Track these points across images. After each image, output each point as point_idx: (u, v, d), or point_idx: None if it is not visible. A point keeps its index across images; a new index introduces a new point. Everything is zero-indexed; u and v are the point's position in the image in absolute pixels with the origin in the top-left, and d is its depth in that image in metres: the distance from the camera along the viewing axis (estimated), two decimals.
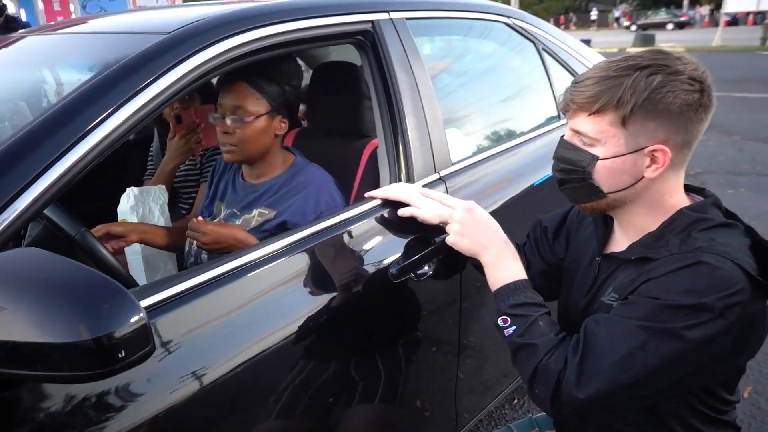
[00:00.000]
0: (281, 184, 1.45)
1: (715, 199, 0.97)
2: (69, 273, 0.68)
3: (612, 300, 0.96)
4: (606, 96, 0.90)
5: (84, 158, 0.92)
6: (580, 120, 0.94)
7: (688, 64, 0.90)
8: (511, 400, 2.27)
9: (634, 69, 0.89)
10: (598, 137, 0.93)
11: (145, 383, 0.90)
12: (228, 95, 1.40)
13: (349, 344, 1.27)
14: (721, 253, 0.85)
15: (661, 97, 0.88)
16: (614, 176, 0.94)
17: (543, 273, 1.25)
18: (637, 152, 0.91)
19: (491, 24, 1.91)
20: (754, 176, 5.09)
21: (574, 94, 0.94)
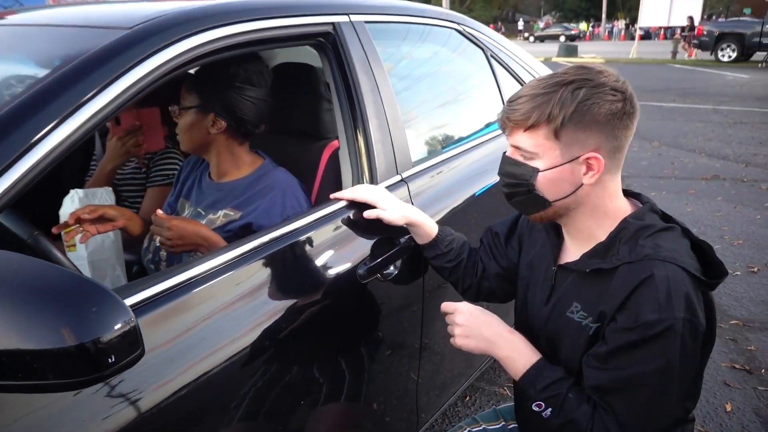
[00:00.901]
0: (247, 185, 1.43)
1: (651, 205, 1.04)
2: (50, 276, 0.64)
3: (582, 318, 1.01)
4: (537, 112, 0.96)
5: (41, 163, 0.87)
6: (517, 136, 1.01)
7: (609, 77, 0.97)
8: (464, 398, 2.32)
9: (561, 85, 0.96)
10: (535, 151, 0.99)
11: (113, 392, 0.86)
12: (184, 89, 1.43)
13: (317, 347, 1.26)
14: (668, 259, 0.93)
15: (587, 108, 0.95)
16: (556, 185, 1.00)
17: (498, 275, 1.31)
18: (572, 161, 0.98)
19: (444, 30, 1.96)
20: (673, 180, 5.44)
21: (509, 112, 1.00)
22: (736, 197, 4.86)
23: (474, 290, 1.36)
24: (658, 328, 0.90)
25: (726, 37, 17.88)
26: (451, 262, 1.35)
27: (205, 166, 1.54)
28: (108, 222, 1.38)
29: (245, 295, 1.10)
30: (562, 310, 1.06)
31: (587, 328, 1.00)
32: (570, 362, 1.04)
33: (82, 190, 1.62)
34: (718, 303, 3.05)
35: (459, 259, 1.34)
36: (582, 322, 1.01)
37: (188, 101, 1.41)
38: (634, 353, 0.93)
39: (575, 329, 1.02)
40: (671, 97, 10.89)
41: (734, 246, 3.83)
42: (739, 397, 2.29)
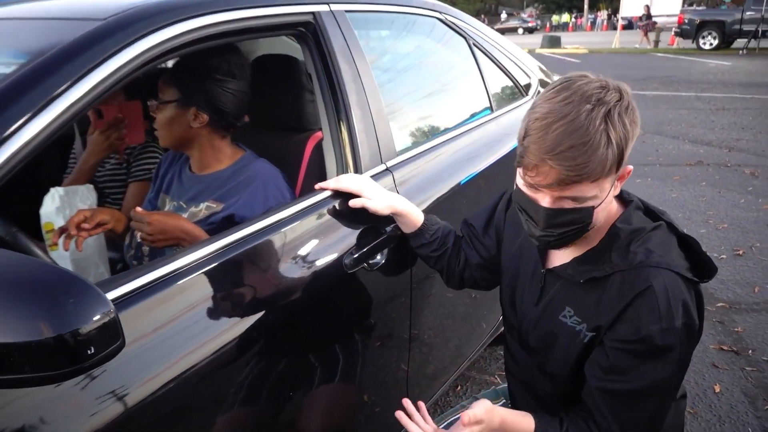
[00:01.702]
0: (228, 177, 1.42)
1: (636, 203, 1.01)
2: (27, 268, 0.63)
3: (575, 323, 1.01)
4: (599, 166, 0.86)
5: (14, 157, 0.85)
6: (573, 188, 0.89)
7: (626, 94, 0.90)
8: (455, 388, 2.33)
9: (599, 133, 0.85)
10: (596, 194, 0.90)
11: (98, 387, 0.84)
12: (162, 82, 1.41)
13: (304, 338, 1.25)
14: (661, 265, 0.93)
15: (629, 141, 0.89)
16: (604, 209, 0.95)
17: (479, 266, 1.32)
18: (613, 185, 0.94)
19: (426, 19, 1.95)
20: (657, 166, 5.48)
21: (559, 164, 0.86)
22: (720, 182, 4.91)
23: (457, 279, 1.37)
24: (660, 340, 0.91)
25: (707, 24, 18.03)
26: (436, 252, 1.35)
27: (185, 159, 1.53)
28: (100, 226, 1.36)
29: (230, 288, 1.09)
30: (554, 313, 1.05)
31: (582, 335, 1.00)
32: (563, 364, 1.05)
33: (62, 188, 1.60)
34: (705, 286, 3.08)
35: (444, 248, 1.35)
36: (576, 327, 1.01)
37: (168, 95, 1.39)
38: (638, 366, 0.94)
39: (568, 334, 1.02)
40: (654, 86, 10.97)
41: (719, 230, 3.87)
42: (727, 378, 2.32)
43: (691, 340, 0.94)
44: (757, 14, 16.50)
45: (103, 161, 1.93)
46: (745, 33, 16.98)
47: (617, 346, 0.95)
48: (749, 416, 2.10)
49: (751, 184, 4.81)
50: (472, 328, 1.99)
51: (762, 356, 2.46)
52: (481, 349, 2.09)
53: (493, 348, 2.53)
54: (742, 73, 12.51)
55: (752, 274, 3.22)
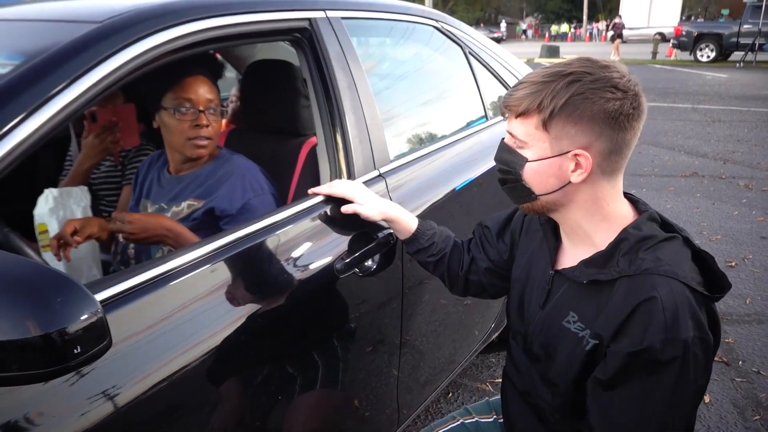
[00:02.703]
0: (207, 174, 1.45)
1: (651, 213, 0.99)
2: (14, 267, 0.63)
3: (579, 329, 0.98)
4: (529, 99, 0.93)
5: (8, 156, 0.86)
6: (512, 122, 0.98)
7: (613, 73, 0.91)
8: (446, 394, 2.33)
9: (559, 75, 0.92)
10: (526, 140, 0.96)
11: (87, 387, 0.85)
12: (198, 88, 1.42)
13: (295, 342, 1.25)
14: (669, 274, 0.89)
15: (579, 102, 0.90)
16: (542, 179, 0.97)
17: (488, 270, 1.27)
18: (561, 156, 0.94)
19: (422, 27, 1.97)
20: (653, 177, 5.51)
21: (507, 98, 0.98)
22: (715, 194, 4.93)
23: (461, 284, 1.32)
24: (666, 353, 0.86)
25: (705, 37, 18.16)
26: (434, 257, 1.31)
27: (162, 162, 1.55)
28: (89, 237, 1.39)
29: (221, 291, 1.09)
30: (558, 318, 1.02)
31: (584, 342, 0.97)
32: (566, 374, 1.01)
33: (56, 190, 1.60)
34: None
35: (442, 253, 1.31)
36: (579, 333, 0.98)
37: (217, 101, 1.44)
38: (641, 378, 0.89)
39: (571, 340, 0.99)
40: (651, 97, 11.02)
41: (712, 241, 3.89)
42: (717, 388, 2.33)
43: (706, 354, 0.88)
44: (755, 27, 16.63)
45: (98, 164, 1.94)
46: (743, 46, 17.10)
47: (621, 357, 0.90)
48: (738, 427, 2.11)
49: (745, 197, 4.84)
50: (464, 335, 2.00)
51: (752, 367, 2.47)
52: (472, 356, 2.09)
53: (485, 355, 2.54)
54: (739, 85, 12.59)
55: (744, 285, 3.23)
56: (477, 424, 1.33)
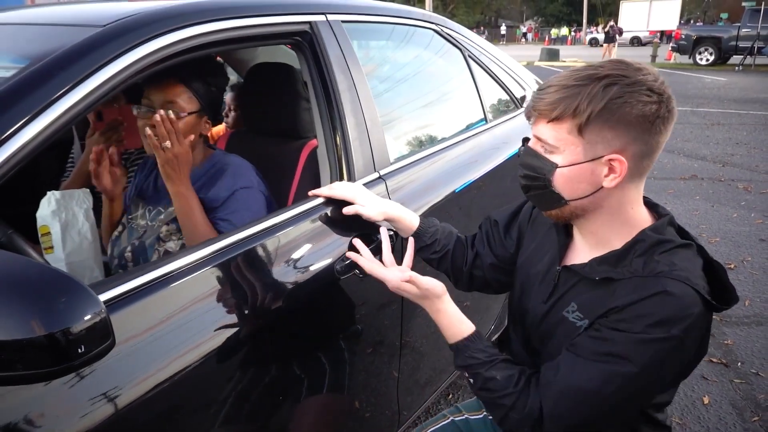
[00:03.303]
0: (201, 174, 1.47)
1: (671, 218, 0.99)
2: (19, 268, 0.64)
3: (577, 319, 0.99)
4: (564, 104, 0.91)
5: (11, 159, 0.87)
6: (541, 127, 0.96)
7: (647, 75, 0.91)
8: (447, 396, 2.33)
9: (594, 78, 0.90)
10: (557, 145, 0.94)
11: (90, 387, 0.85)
12: (159, 91, 1.40)
13: (296, 343, 1.26)
14: (682, 279, 0.89)
15: (617, 107, 0.88)
16: (573, 184, 0.95)
17: (492, 265, 1.28)
18: (594, 161, 0.92)
19: (422, 30, 1.98)
20: (652, 180, 5.52)
21: (536, 101, 0.95)
22: (714, 196, 4.95)
23: (466, 279, 1.32)
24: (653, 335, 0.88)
25: (704, 41, 18.21)
26: (437, 254, 1.32)
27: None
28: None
29: (223, 292, 1.10)
30: (559, 309, 1.03)
31: (580, 330, 0.98)
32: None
33: (59, 192, 1.60)
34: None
35: (445, 249, 1.31)
36: (576, 323, 0.99)
37: (190, 105, 1.42)
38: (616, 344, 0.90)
39: (568, 329, 1.00)
40: None
41: (711, 244, 3.90)
42: (716, 390, 2.33)
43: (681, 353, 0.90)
44: (753, 31, 16.68)
45: None
46: (741, 49, 17.16)
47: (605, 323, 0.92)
48: (737, 428, 2.11)
49: (744, 199, 4.85)
50: None
51: (751, 369, 2.48)
52: None
53: None
54: (738, 89, 12.62)
55: (743, 287, 3.24)
56: (467, 421, 1.34)
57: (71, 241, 1.52)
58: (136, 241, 1.49)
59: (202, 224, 1.36)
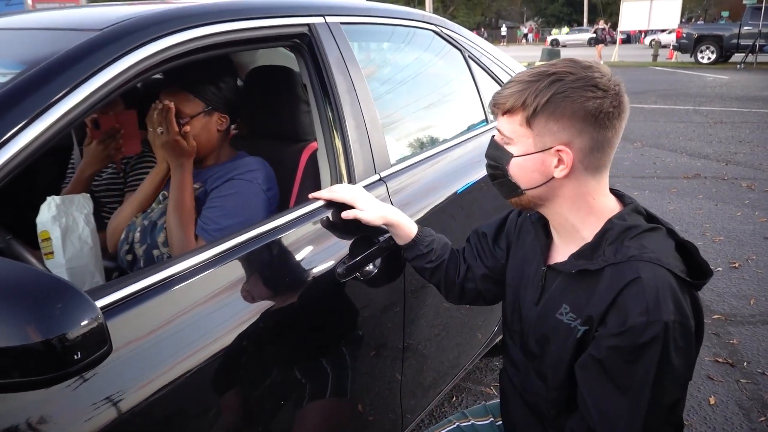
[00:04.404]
0: (221, 169, 1.50)
1: (635, 206, 1.03)
2: (15, 273, 0.63)
3: (571, 320, 1.00)
4: (514, 97, 0.98)
5: (9, 163, 0.86)
6: (499, 120, 1.03)
7: (595, 73, 0.95)
8: (450, 399, 2.32)
9: (543, 75, 0.97)
10: (511, 136, 1.01)
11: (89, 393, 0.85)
12: (165, 97, 1.43)
13: (298, 346, 1.25)
14: (653, 260, 0.92)
15: (560, 100, 0.94)
16: (527, 174, 1.01)
17: (484, 276, 1.29)
18: (544, 152, 0.98)
19: (421, 32, 1.97)
20: (655, 179, 5.50)
21: (496, 97, 1.03)
22: (717, 195, 4.93)
23: (457, 292, 1.34)
24: (646, 335, 0.89)
25: (705, 39, 18.18)
26: (432, 263, 1.33)
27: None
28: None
29: (223, 295, 1.09)
30: (552, 311, 1.05)
31: (575, 331, 0.99)
32: (558, 364, 1.03)
33: (59, 197, 1.60)
34: (701, 298, 3.08)
35: (440, 260, 1.33)
36: (571, 324, 1.00)
37: (192, 109, 1.45)
38: (625, 359, 0.92)
39: (564, 331, 1.01)
40: (653, 99, 11.02)
41: (715, 243, 3.88)
42: (723, 390, 2.32)
43: (687, 339, 0.91)
44: (755, 29, 16.64)
45: (101, 171, 1.94)
46: (743, 47, 17.12)
47: (606, 339, 0.93)
48: (744, 428, 2.10)
49: (747, 197, 4.83)
50: (467, 339, 1.99)
51: (757, 368, 2.46)
52: (476, 360, 2.09)
53: (488, 359, 2.53)
54: (740, 87, 12.59)
55: (748, 286, 3.22)
56: (473, 426, 1.33)
57: (72, 246, 1.51)
58: (146, 221, 1.52)
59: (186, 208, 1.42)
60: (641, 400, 0.92)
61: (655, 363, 0.89)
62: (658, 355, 0.89)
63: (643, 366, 0.90)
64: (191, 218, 1.42)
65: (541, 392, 1.10)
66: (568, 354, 1.00)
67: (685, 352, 0.92)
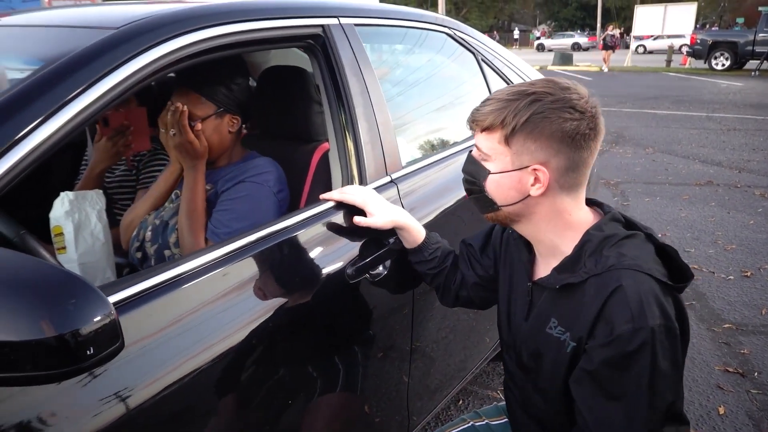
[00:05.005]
0: (232, 170, 1.50)
1: (613, 214, 1.05)
2: (29, 269, 0.64)
3: (560, 333, 1.01)
4: (493, 115, 0.99)
5: (25, 159, 0.87)
6: (478, 136, 1.04)
7: (573, 94, 0.97)
8: (457, 402, 2.31)
9: (522, 95, 0.98)
10: (489, 153, 1.02)
11: (100, 388, 0.85)
12: (177, 98, 1.43)
13: (306, 346, 1.25)
14: (632, 267, 0.93)
15: (539, 121, 0.96)
16: (503, 191, 1.02)
17: (475, 284, 1.33)
18: (521, 170, 0.99)
19: (434, 34, 1.97)
20: (667, 185, 5.46)
21: (475, 113, 1.04)
22: (730, 203, 4.88)
23: (452, 297, 1.38)
24: (634, 342, 0.89)
25: (719, 45, 18.02)
26: (434, 270, 1.36)
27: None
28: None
29: (233, 294, 1.10)
30: (541, 326, 1.06)
31: (566, 345, 1.00)
32: (554, 379, 1.04)
33: (72, 193, 1.61)
34: (712, 307, 3.06)
35: (442, 267, 1.36)
36: (560, 337, 1.01)
37: (203, 111, 1.45)
38: (617, 368, 0.92)
39: (555, 345, 1.02)
40: (666, 105, 10.95)
41: (727, 251, 3.84)
42: (732, 400, 2.29)
43: (673, 341, 0.92)
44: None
45: (113, 168, 1.96)
46: (758, 54, 16.94)
47: (596, 350, 0.94)
48: None
49: (761, 206, 4.78)
50: (474, 342, 1.99)
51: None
52: (483, 364, 2.08)
53: (496, 363, 2.52)
54: (755, 94, 12.47)
55: (760, 295, 3.19)
56: (488, 426, 1.34)
57: (84, 241, 1.53)
58: (157, 220, 1.53)
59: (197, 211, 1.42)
60: (637, 408, 0.92)
61: (647, 368, 0.90)
62: (648, 360, 0.90)
63: (634, 373, 0.91)
64: (202, 220, 1.42)
65: (539, 405, 1.11)
66: (562, 369, 1.01)
67: (673, 355, 0.92)
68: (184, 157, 1.41)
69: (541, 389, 1.09)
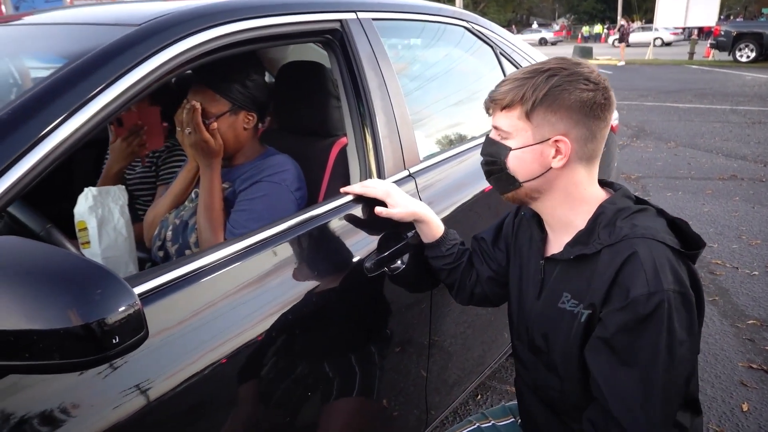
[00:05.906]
0: (249, 168, 1.51)
1: (624, 191, 1.08)
2: (57, 260, 0.66)
3: (573, 306, 1.03)
4: (512, 93, 1.02)
5: (50, 155, 0.89)
6: (497, 116, 1.08)
7: (584, 68, 1.02)
8: (475, 396, 2.31)
9: (538, 72, 1.02)
10: (509, 130, 1.05)
11: (122, 379, 0.87)
12: (192, 96, 1.44)
13: (325, 339, 1.26)
14: (646, 235, 0.96)
15: (558, 93, 1.00)
16: (525, 165, 1.05)
17: (490, 279, 1.34)
18: (542, 143, 1.02)
19: (453, 28, 1.97)
20: (689, 180, 5.38)
21: (492, 94, 1.08)
22: (754, 197, 4.79)
23: (467, 295, 1.38)
24: (649, 305, 0.91)
25: (744, 37, 17.66)
26: (450, 265, 1.37)
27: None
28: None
29: (252, 287, 1.11)
30: (554, 301, 1.07)
31: (579, 315, 1.01)
32: (567, 353, 1.04)
33: (95, 189, 1.65)
34: (735, 303, 3.01)
35: (458, 263, 1.37)
36: (574, 310, 1.03)
37: (218, 109, 1.44)
38: (632, 334, 0.93)
39: (568, 319, 1.04)
40: (688, 98, 10.77)
41: (752, 246, 3.78)
42: (756, 397, 2.26)
43: (688, 309, 0.93)
44: None
45: (133, 165, 1.99)
46: None
47: (611, 316, 0.95)
48: None
49: None
50: (493, 337, 1.98)
51: None
52: (502, 359, 2.08)
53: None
54: None
55: None
56: (494, 427, 1.34)
57: (107, 236, 1.56)
58: (177, 220, 1.54)
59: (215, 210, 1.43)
60: (653, 376, 0.92)
61: (662, 333, 0.91)
62: (664, 325, 0.91)
63: (649, 338, 0.92)
64: (220, 220, 1.43)
65: (554, 386, 1.11)
66: (576, 341, 1.02)
67: (688, 323, 0.93)
68: (200, 156, 1.42)
69: (554, 367, 1.09)
